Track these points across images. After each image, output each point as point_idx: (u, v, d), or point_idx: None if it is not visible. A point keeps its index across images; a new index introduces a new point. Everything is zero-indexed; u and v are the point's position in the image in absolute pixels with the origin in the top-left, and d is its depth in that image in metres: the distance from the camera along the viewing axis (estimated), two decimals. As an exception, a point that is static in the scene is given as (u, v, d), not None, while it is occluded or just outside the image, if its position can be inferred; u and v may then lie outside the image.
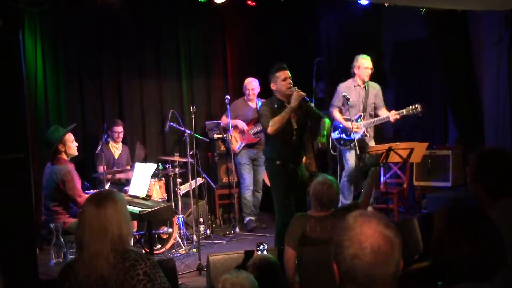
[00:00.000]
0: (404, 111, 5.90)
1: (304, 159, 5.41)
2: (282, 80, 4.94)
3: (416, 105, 5.81)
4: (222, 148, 7.23)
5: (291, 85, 4.94)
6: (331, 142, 6.35)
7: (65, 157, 4.98)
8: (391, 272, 1.57)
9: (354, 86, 6.05)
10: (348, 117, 5.97)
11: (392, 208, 6.60)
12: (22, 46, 4.03)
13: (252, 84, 6.86)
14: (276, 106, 4.96)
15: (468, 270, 1.79)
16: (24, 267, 3.58)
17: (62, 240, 4.11)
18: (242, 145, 6.82)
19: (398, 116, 5.94)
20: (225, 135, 6.84)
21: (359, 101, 6.09)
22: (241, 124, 6.77)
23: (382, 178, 6.93)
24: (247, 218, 6.84)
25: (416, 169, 6.83)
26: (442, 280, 2.05)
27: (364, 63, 6.09)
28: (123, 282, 2.33)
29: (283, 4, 5.44)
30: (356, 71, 6.15)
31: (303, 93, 4.87)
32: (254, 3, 6.91)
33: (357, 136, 5.85)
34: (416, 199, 6.82)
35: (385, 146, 5.58)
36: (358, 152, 5.65)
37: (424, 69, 7.42)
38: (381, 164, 5.79)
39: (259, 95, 6.92)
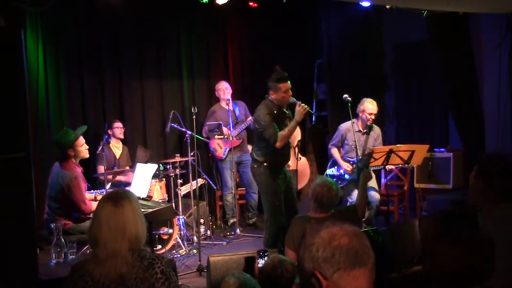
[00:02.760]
0: None
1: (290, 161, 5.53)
2: (283, 92, 4.99)
3: None
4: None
5: (290, 96, 5.02)
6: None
7: (74, 160, 4.97)
8: (371, 256, 1.59)
9: (355, 131, 5.96)
10: (346, 156, 6.13)
11: (393, 210, 6.60)
12: (23, 45, 4.03)
13: (224, 85, 7.04)
14: (275, 112, 5.03)
15: (458, 275, 1.77)
16: (24, 267, 3.58)
17: (63, 240, 4.11)
18: (227, 150, 6.84)
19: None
20: (225, 136, 6.83)
21: (358, 144, 6.03)
22: (224, 129, 6.81)
23: (383, 180, 6.94)
24: (231, 221, 6.92)
25: (417, 172, 6.83)
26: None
27: (368, 108, 5.99)
28: (143, 280, 2.33)
29: (285, 6, 5.43)
30: (360, 114, 6.09)
31: (307, 107, 4.93)
32: (255, 5, 6.92)
33: (350, 178, 5.98)
34: (417, 202, 6.82)
35: (386, 148, 5.58)
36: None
37: (425, 71, 7.42)
38: (381, 167, 5.80)
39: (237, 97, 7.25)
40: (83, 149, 5.03)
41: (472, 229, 1.84)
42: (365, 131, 6.13)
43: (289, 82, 5.04)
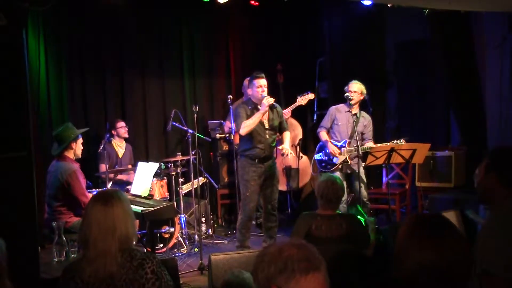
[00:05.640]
0: (388, 144, 5.82)
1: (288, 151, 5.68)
2: (256, 87, 5.43)
3: (401, 140, 5.74)
4: (225, 147, 7.25)
5: (264, 93, 5.39)
6: (312, 163, 6.33)
7: (72, 156, 4.96)
8: (322, 261, 1.65)
9: (345, 111, 5.98)
10: (335, 140, 6.05)
11: (394, 209, 6.60)
12: (25, 45, 4.04)
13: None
14: (250, 108, 5.48)
15: (429, 280, 1.74)
16: (26, 265, 3.59)
17: (64, 238, 4.11)
18: None
19: None
20: (227, 135, 6.83)
21: (348, 126, 6.00)
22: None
23: (384, 179, 6.93)
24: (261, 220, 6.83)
25: (418, 170, 6.82)
26: None
27: (351, 87, 5.94)
28: (132, 281, 2.33)
29: (286, 4, 5.44)
30: (347, 94, 6.04)
31: (271, 100, 5.34)
32: (257, 3, 6.91)
33: (339, 161, 5.95)
34: (419, 200, 6.81)
35: (387, 147, 5.58)
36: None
37: (427, 69, 7.41)
38: (383, 165, 5.80)
39: None
40: (81, 148, 5.06)
41: (451, 231, 1.80)
42: (355, 113, 6.02)
43: (264, 80, 5.43)
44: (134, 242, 2.47)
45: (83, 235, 2.39)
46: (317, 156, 6.22)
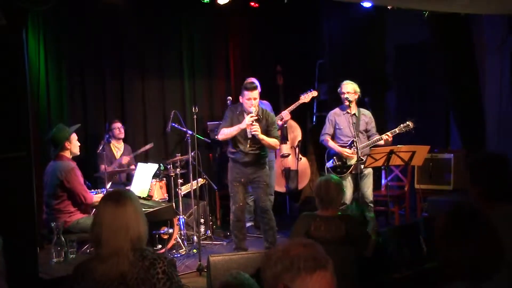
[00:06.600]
0: (396, 130, 5.80)
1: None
2: (246, 99, 5.47)
3: (408, 123, 5.75)
4: (224, 149, 7.25)
5: (252, 107, 5.40)
6: (326, 171, 6.31)
7: (68, 155, 4.98)
8: (329, 260, 1.68)
9: (343, 114, 5.99)
10: (341, 145, 6.02)
11: (393, 211, 6.60)
12: (25, 45, 4.04)
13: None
14: (237, 112, 5.61)
15: (466, 269, 1.82)
16: (25, 266, 3.59)
17: (63, 239, 4.11)
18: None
19: (390, 136, 5.83)
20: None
21: (350, 127, 5.97)
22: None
23: (383, 181, 6.93)
24: (248, 224, 6.83)
25: (418, 172, 6.82)
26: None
27: (344, 88, 5.95)
28: (144, 280, 2.33)
29: (286, 6, 5.44)
30: (341, 96, 6.04)
31: (253, 119, 5.30)
32: (257, 5, 6.91)
33: (353, 161, 5.90)
34: (418, 203, 6.81)
35: (386, 149, 5.58)
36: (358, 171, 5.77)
37: (427, 72, 7.41)
38: (383, 167, 5.79)
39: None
40: (77, 144, 5.09)
41: (482, 225, 1.88)
42: (353, 113, 6.01)
43: (254, 92, 5.42)
44: (145, 242, 2.47)
45: (95, 234, 2.39)
46: (329, 164, 6.15)
